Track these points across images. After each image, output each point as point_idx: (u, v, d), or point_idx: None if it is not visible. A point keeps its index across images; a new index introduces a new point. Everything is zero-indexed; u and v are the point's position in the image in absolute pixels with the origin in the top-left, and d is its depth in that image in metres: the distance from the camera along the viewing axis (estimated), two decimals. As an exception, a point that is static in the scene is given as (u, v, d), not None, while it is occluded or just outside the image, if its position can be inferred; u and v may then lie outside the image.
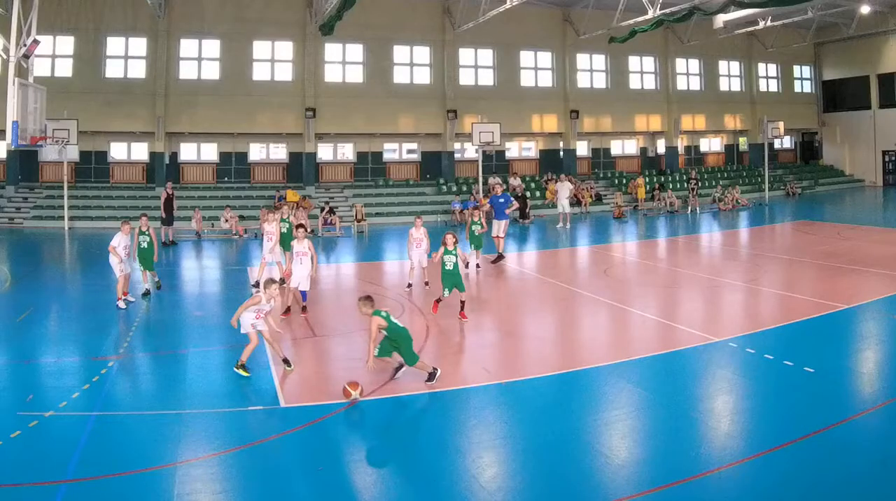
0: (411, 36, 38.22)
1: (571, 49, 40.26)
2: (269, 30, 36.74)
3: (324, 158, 39.01)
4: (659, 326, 14.73)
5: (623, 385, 10.97)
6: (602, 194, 39.61)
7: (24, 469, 8.20)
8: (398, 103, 37.97)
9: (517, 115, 39.10)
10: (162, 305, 17.50)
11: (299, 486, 8.01)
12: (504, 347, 13.80)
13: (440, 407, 10.51)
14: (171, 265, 24.70)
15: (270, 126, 37.14)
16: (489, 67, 39.73)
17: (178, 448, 8.92)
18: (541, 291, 19.10)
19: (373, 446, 9.18)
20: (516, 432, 9.41)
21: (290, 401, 10.54)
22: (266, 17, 36.30)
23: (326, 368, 12.49)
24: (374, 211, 34.91)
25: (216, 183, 37.57)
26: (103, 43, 35.73)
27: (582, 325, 15.67)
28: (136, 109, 35.45)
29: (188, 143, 37.87)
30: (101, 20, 35.28)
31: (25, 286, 19.99)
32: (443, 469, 8.33)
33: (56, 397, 10.42)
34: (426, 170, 39.92)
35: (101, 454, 8.67)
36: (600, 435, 9.19)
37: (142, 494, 7.78)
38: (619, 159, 44.13)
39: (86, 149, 35.33)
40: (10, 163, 35.56)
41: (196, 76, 36.40)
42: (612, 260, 23.89)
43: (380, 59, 38.00)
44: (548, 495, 7.65)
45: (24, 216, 33.94)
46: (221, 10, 35.99)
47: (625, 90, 41.95)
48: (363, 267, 23.93)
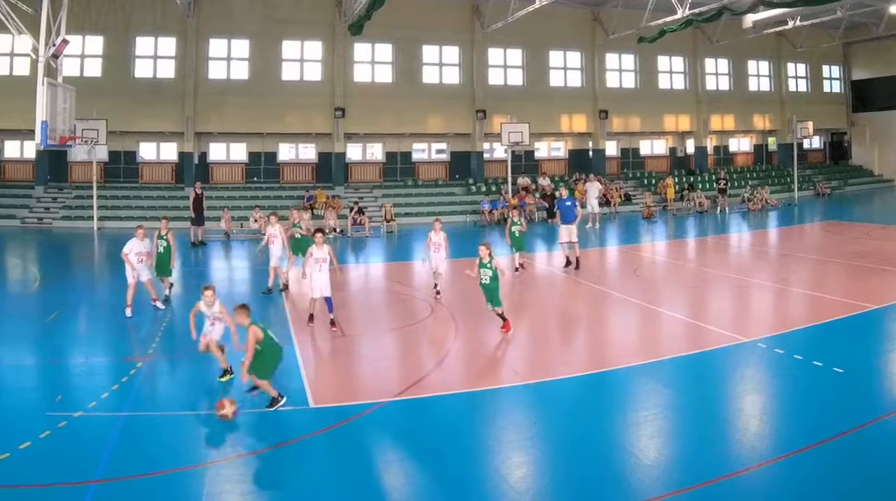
0: (440, 35, 37.40)
1: (600, 49, 39.31)
2: (299, 29, 36.05)
3: (353, 158, 38.31)
4: (688, 326, 14.55)
5: (652, 385, 10.83)
6: (631, 194, 38.69)
7: (54, 469, 8.08)
8: (427, 103, 37.17)
9: (546, 115, 38.17)
10: (189, 306, 16.85)
11: (328, 486, 7.86)
12: (533, 348, 13.58)
13: (469, 407, 10.30)
14: (200, 265, 24.49)
15: (299, 126, 36.45)
16: (518, 67, 38.86)
17: (207, 448, 8.86)
18: (570, 291, 18.84)
19: (402, 446, 9.00)
20: (545, 432, 9.26)
21: (319, 402, 10.36)
22: (295, 16, 35.58)
23: (355, 368, 12.21)
24: (404, 211, 34.19)
25: (245, 183, 36.88)
26: (132, 43, 35.18)
27: (611, 326, 15.39)
28: (165, 109, 34.89)
29: (217, 143, 37.25)
30: (131, 20, 34.70)
31: (54, 286, 19.64)
32: (472, 470, 8.21)
33: (85, 397, 10.28)
34: (455, 170, 39.10)
35: (131, 454, 8.57)
36: (629, 436, 9.05)
37: (171, 494, 7.71)
38: (649, 159, 43.22)
39: (115, 149, 34.73)
40: (40, 164, 35.07)
41: (225, 76, 35.77)
42: (641, 261, 23.49)
43: (409, 59, 37.23)
44: (577, 495, 7.58)
45: (54, 216, 33.39)
46: (250, 9, 35.26)
47: (654, 90, 41.00)
48: (392, 268, 23.50)
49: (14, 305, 17.53)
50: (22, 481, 7.85)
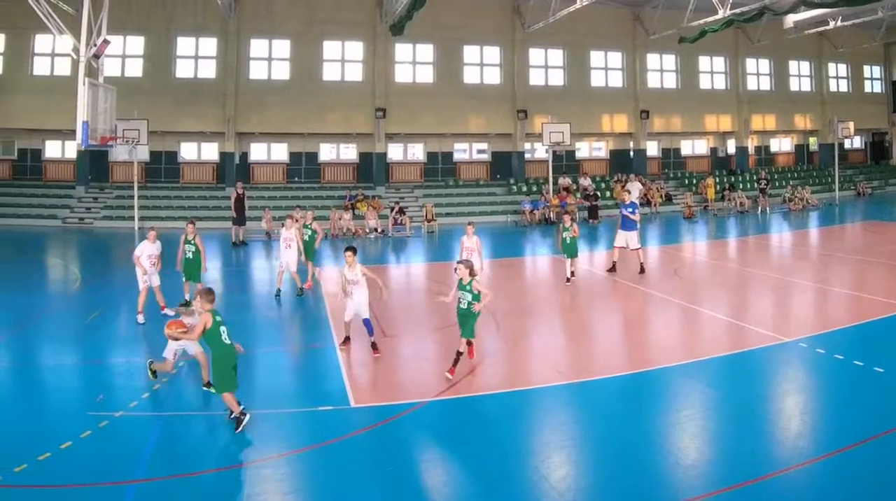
0: (481, 36, 36.76)
1: (641, 49, 38.56)
2: (340, 30, 35.58)
3: (394, 158, 37.72)
4: (729, 326, 14.40)
5: (693, 385, 10.79)
6: (672, 194, 37.90)
7: (94, 469, 8.04)
8: (468, 103, 36.49)
9: (587, 115, 37.51)
10: (230, 306, 16.83)
11: (369, 486, 7.82)
12: (575, 347, 13.54)
13: (510, 407, 10.18)
14: (241, 265, 24.25)
15: (340, 126, 35.94)
16: (559, 67, 38.11)
17: (248, 448, 8.78)
18: (611, 291, 18.61)
19: (442, 446, 8.94)
20: (586, 432, 9.23)
21: (360, 401, 10.31)
22: (336, 17, 35.09)
23: (396, 368, 12.11)
24: (445, 211, 33.49)
25: (286, 183, 36.39)
26: (173, 43, 34.80)
27: (652, 325, 15.23)
28: (206, 109, 34.51)
29: (258, 143, 36.77)
30: (172, 20, 34.30)
31: (95, 286, 19.56)
32: (513, 470, 8.15)
33: (126, 397, 10.24)
34: (496, 170, 38.42)
35: (171, 454, 8.60)
36: (670, 436, 9.02)
37: (212, 494, 7.71)
38: (689, 159, 42.43)
39: (156, 149, 34.32)
40: (81, 164, 34.78)
41: (266, 76, 35.36)
42: (682, 261, 23.26)
43: (450, 59, 36.61)
44: (618, 495, 7.51)
45: (95, 216, 33.03)
46: (291, 10, 34.85)
47: (695, 90, 40.19)
48: (433, 268, 23.18)
49: (55, 305, 17.37)
50: (63, 481, 7.79)
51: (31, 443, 8.55)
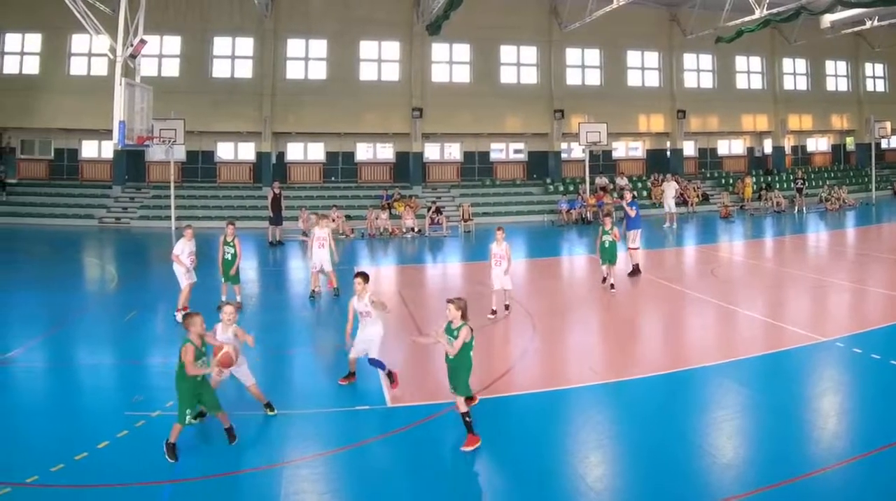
0: (518, 36, 36.37)
1: (678, 49, 38.07)
2: (376, 29, 35.32)
3: (431, 158, 37.39)
4: (765, 326, 14.21)
5: (730, 385, 10.66)
6: (709, 194, 37.41)
7: (131, 468, 7.97)
8: (505, 103, 36.09)
9: (624, 115, 36.99)
10: (267, 305, 16.87)
11: (405, 486, 7.72)
12: (611, 347, 13.36)
13: (547, 406, 10.07)
14: (278, 264, 23.96)
15: (377, 126, 35.64)
16: (596, 67, 37.68)
17: (285, 447, 8.71)
18: (647, 291, 18.29)
19: (479, 445, 8.63)
20: (623, 432, 9.08)
21: (396, 401, 10.18)
22: (373, 16, 34.82)
23: (432, 368, 11.70)
24: (481, 210, 33.03)
25: (323, 182, 36.07)
26: (210, 43, 34.63)
27: (688, 325, 15.10)
28: (242, 109, 34.24)
29: (295, 143, 36.49)
30: (208, 20, 34.15)
31: (132, 286, 19.36)
32: (549, 469, 8.04)
33: (163, 397, 9.96)
34: (533, 169, 37.97)
35: (208, 453, 8.52)
36: (707, 435, 8.90)
37: (249, 494, 7.68)
38: (726, 159, 41.88)
39: (192, 149, 34.13)
40: (117, 163, 34.55)
41: (303, 76, 35.10)
42: (718, 260, 22.91)
43: (486, 59, 36.23)
44: (654, 495, 7.42)
45: (131, 216, 32.72)
46: (328, 10, 34.58)
47: (731, 90, 39.66)
48: (469, 268, 22.76)
49: (92, 304, 17.19)
50: (99, 480, 7.71)
51: (67, 443, 8.48)
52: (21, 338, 13.43)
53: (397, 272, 22.77)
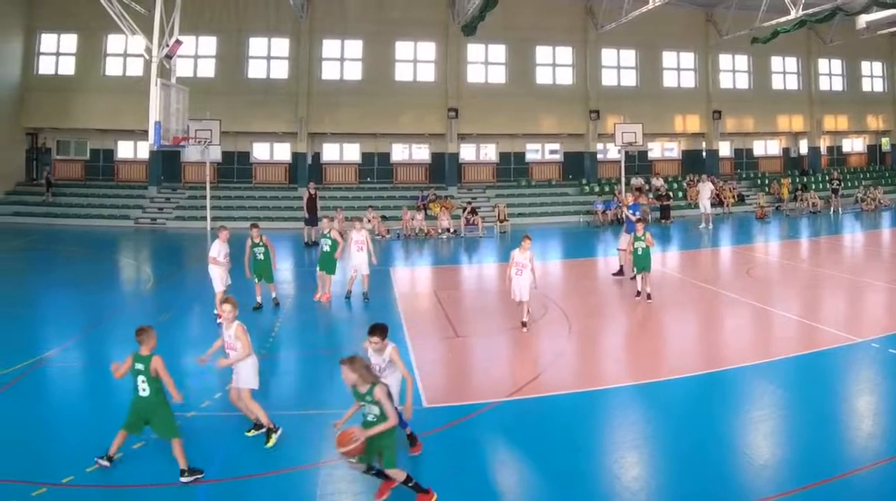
0: (553, 36, 36.02)
1: (714, 49, 37.62)
2: (412, 30, 35.12)
3: (466, 159, 37.09)
4: (801, 326, 14.16)
5: (765, 385, 10.60)
6: (744, 194, 37.02)
7: (167, 469, 7.85)
8: (540, 104, 35.75)
9: (659, 116, 36.60)
10: (303, 306, 16.68)
11: (442, 486, 7.58)
12: (646, 347, 13.23)
13: (582, 407, 10.05)
14: (313, 265, 23.41)
15: (413, 126, 35.41)
16: (632, 68, 37.32)
17: (321, 448, 8.58)
18: (683, 291, 18.29)
19: (514, 446, 8.78)
20: (658, 432, 9.04)
21: (432, 401, 10.12)
22: (408, 17, 34.61)
23: (468, 368, 11.96)
24: (517, 211, 32.75)
25: (359, 183, 35.85)
26: (246, 43, 34.49)
27: (724, 326, 14.98)
28: (278, 110, 34.10)
29: (330, 144, 36.30)
30: (244, 21, 33.98)
31: (167, 286, 19.32)
32: (585, 469, 8.05)
33: (199, 397, 10.09)
34: (569, 170, 37.61)
35: (244, 454, 8.49)
36: (743, 436, 8.86)
37: (285, 494, 7.61)
38: (762, 159, 41.39)
39: (228, 149, 34.01)
40: (153, 164, 34.41)
41: (338, 76, 34.92)
42: (754, 261, 22.79)
43: (522, 60, 35.92)
44: (690, 495, 7.37)
45: (167, 216, 32.56)
46: (364, 10, 34.35)
47: (767, 90, 39.15)
48: (505, 268, 22.41)
49: (128, 305, 17.03)
50: (135, 481, 7.70)
51: (103, 443, 8.29)
52: (58, 338, 13.38)
53: (433, 273, 22.61)
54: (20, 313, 15.82)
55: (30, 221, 31.49)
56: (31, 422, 9.37)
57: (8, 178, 34.08)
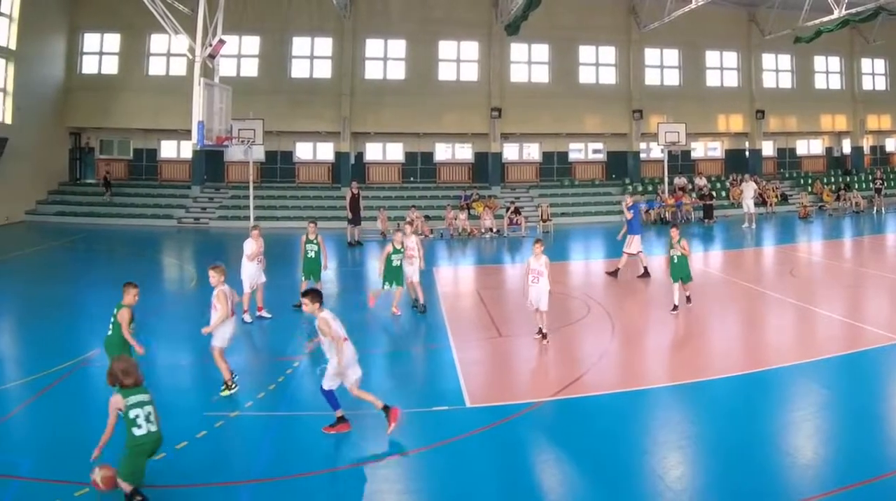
0: (597, 36, 35.78)
1: (756, 49, 37.22)
2: (455, 30, 34.94)
3: (509, 158, 36.82)
4: (844, 326, 13.98)
5: (808, 385, 10.54)
6: (787, 194, 36.62)
7: (210, 469, 7.96)
8: (583, 103, 35.50)
9: (702, 115, 36.28)
10: (347, 306, 16.48)
11: (485, 486, 7.68)
12: (689, 347, 13.22)
13: (625, 407, 9.98)
14: (357, 265, 23.60)
15: (456, 126, 35.22)
16: (675, 67, 37.00)
17: (364, 448, 8.63)
18: (726, 291, 18.14)
19: (558, 446, 8.74)
20: (701, 432, 8.99)
21: (475, 401, 10.12)
22: (452, 17, 34.45)
23: (511, 368, 11.86)
24: (560, 210, 32.45)
25: (402, 183, 35.66)
26: (289, 43, 34.40)
27: (767, 325, 14.81)
28: (321, 109, 33.97)
29: (373, 143, 36.13)
30: (287, 20, 33.89)
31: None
32: (628, 469, 8.00)
33: (242, 397, 10.10)
34: (612, 169, 37.34)
35: (287, 454, 8.47)
36: (785, 435, 8.80)
37: (327, 494, 7.61)
38: (805, 159, 40.94)
39: (271, 149, 33.81)
40: (196, 164, 34.34)
41: (381, 76, 34.80)
42: (797, 261, 22.64)
43: (565, 59, 35.66)
44: (733, 494, 7.33)
45: (210, 216, 32.44)
46: (407, 10, 34.24)
47: (810, 90, 38.76)
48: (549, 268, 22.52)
49: (171, 305, 16.97)
50: (179, 481, 7.68)
51: None
52: (101, 338, 13.08)
53: (476, 272, 22.40)
54: (63, 313, 15.77)
55: (72, 221, 31.45)
56: (74, 422, 9.30)
57: (51, 178, 34.04)
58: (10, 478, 7.76)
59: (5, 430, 9.21)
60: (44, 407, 10.03)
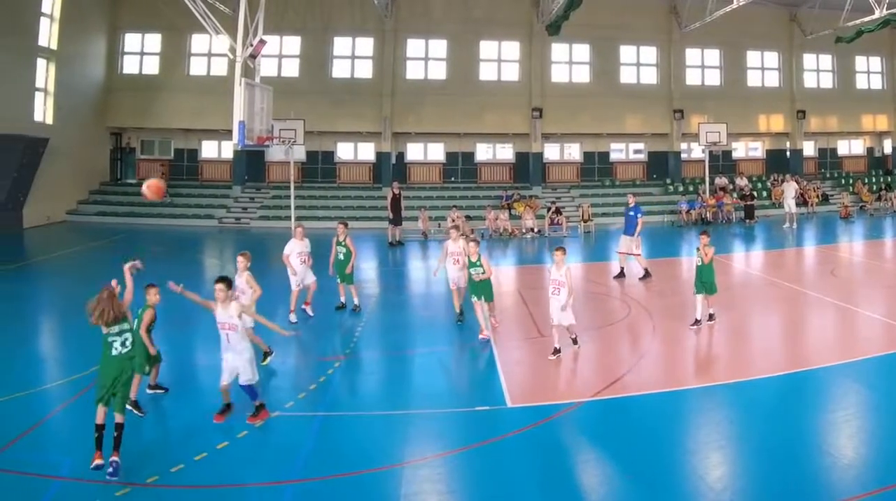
0: (638, 36, 35.56)
1: (798, 49, 36.95)
2: (496, 30, 34.78)
3: (550, 158, 36.60)
4: (886, 326, 13.85)
5: (850, 385, 10.48)
6: (828, 194, 36.34)
7: (252, 469, 7.99)
8: (624, 103, 35.27)
9: (743, 115, 35.93)
10: (387, 306, 16.64)
11: (526, 487, 7.67)
12: (730, 347, 13.07)
13: (667, 407, 9.96)
14: (398, 265, 23.62)
15: (497, 126, 35.01)
16: (716, 67, 36.71)
17: (405, 448, 8.64)
18: (767, 291, 17.92)
19: (599, 446, 8.75)
20: (742, 432, 8.95)
21: (516, 401, 10.11)
22: (493, 17, 34.30)
23: (552, 368, 11.68)
24: (601, 211, 32.24)
25: (443, 183, 35.51)
26: (330, 43, 34.34)
27: (808, 325, 14.79)
28: (362, 109, 33.86)
29: (414, 143, 35.98)
30: (328, 20, 33.85)
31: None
32: (669, 469, 8.00)
33: (283, 397, 10.15)
34: (653, 169, 37.03)
35: (328, 454, 8.47)
36: (827, 436, 8.80)
37: (368, 494, 7.58)
38: (846, 159, 40.46)
39: (312, 149, 33.71)
40: (237, 164, 34.30)
41: (423, 76, 34.67)
42: (838, 261, 22.59)
43: (606, 59, 35.47)
44: (775, 495, 7.29)
45: (251, 216, 32.36)
46: (448, 10, 34.13)
47: (851, 90, 38.38)
48: (589, 268, 22.35)
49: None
50: (219, 481, 7.70)
51: (187, 443, 8.49)
52: None
53: (517, 272, 22.23)
54: None
55: (113, 221, 31.47)
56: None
57: (92, 178, 34.08)
58: (51, 478, 7.74)
59: (46, 430, 9.23)
60: (85, 406, 9.71)
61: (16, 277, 20.50)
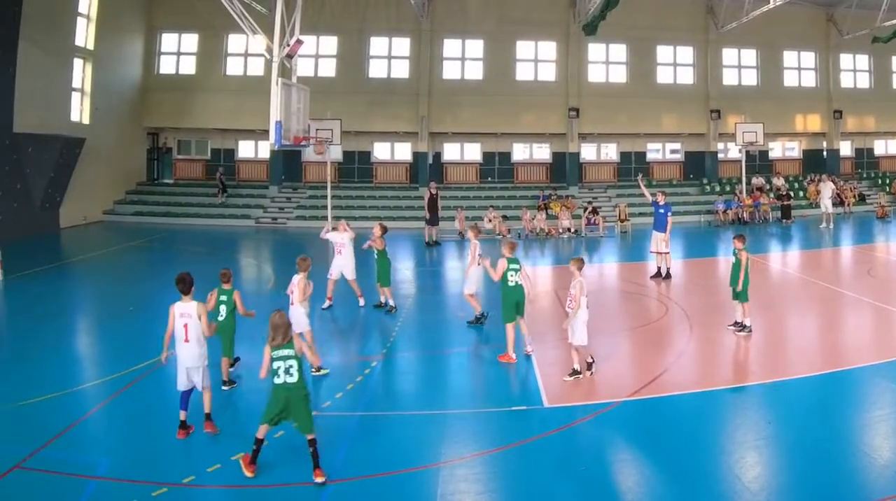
0: (674, 36, 35.28)
1: (835, 49, 36.59)
2: (533, 30, 34.61)
3: (587, 158, 36.40)
4: None
5: (886, 385, 10.38)
6: (865, 194, 35.98)
7: (289, 468, 7.96)
8: (661, 103, 35.04)
9: (780, 115, 35.60)
10: (425, 306, 16.59)
11: (562, 487, 7.67)
12: (767, 347, 12.94)
13: (703, 407, 9.94)
14: (435, 265, 23.56)
15: (534, 126, 34.87)
16: (752, 67, 36.42)
17: (442, 448, 8.62)
18: (803, 291, 17.98)
19: (636, 446, 8.73)
20: (779, 432, 8.89)
21: (553, 401, 10.09)
22: (529, 17, 34.12)
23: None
24: (638, 211, 31.94)
25: (479, 183, 35.35)
26: (367, 43, 34.24)
27: (844, 325, 14.70)
28: (399, 109, 33.78)
29: (451, 143, 35.86)
30: (365, 20, 33.74)
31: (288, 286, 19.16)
32: (706, 469, 7.98)
33: (320, 397, 10.13)
34: (689, 169, 36.75)
35: (365, 453, 8.46)
36: (863, 435, 8.72)
37: (405, 494, 7.58)
38: (883, 159, 39.92)
39: (349, 149, 33.68)
40: (274, 164, 34.22)
41: (459, 76, 34.54)
42: (875, 261, 22.42)
43: (643, 59, 35.22)
44: (811, 494, 7.30)
45: (288, 216, 32.31)
46: (485, 10, 33.93)
47: (888, 90, 37.86)
48: (626, 268, 22.54)
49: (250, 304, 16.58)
50: (256, 480, 7.67)
51: (224, 443, 8.48)
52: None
53: (553, 272, 21.98)
54: (140, 313, 15.60)
55: (150, 220, 31.46)
56: (152, 422, 9.34)
57: (129, 178, 34.12)
58: (88, 478, 7.75)
59: (83, 430, 9.23)
60: (121, 406, 10.00)
61: (56, 277, 20.59)
